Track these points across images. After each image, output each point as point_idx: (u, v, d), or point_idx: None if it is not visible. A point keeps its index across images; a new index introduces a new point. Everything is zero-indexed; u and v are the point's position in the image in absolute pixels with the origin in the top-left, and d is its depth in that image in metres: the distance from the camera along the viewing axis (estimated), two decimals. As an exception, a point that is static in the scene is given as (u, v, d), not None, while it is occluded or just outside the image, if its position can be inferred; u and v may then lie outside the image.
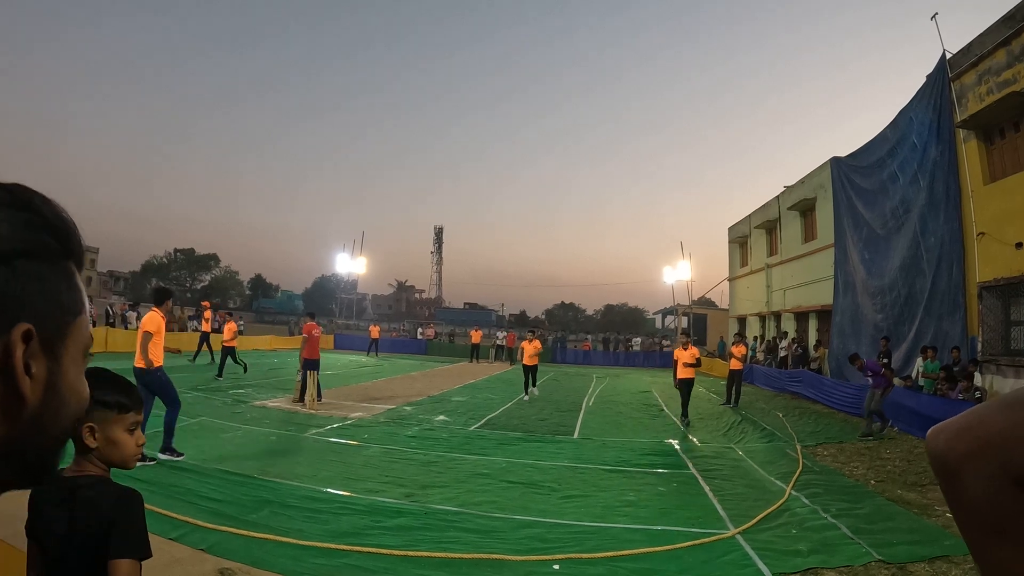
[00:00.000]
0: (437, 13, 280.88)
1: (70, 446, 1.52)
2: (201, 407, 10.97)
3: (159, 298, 7.83)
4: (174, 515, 5.11)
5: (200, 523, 5.02)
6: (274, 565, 4.37)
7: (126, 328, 24.06)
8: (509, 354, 31.23)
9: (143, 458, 6.31)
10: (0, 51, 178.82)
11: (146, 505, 1.64)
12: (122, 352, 21.02)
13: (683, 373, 12.64)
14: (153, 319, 7.44)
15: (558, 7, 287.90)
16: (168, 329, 21.22)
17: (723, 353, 30.42)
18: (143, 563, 1.56)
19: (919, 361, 13.74)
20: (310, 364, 12.37)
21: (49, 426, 0.61)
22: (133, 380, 1.72)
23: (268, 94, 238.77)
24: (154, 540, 1.59)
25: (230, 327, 17.31)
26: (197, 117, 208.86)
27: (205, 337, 20.08)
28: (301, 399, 12.26)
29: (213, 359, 18.42)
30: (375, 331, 33.70)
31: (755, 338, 28.22)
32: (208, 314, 21.54)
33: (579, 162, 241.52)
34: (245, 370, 17.05)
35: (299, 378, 12.51)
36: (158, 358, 7.38)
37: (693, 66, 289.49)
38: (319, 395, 12.54)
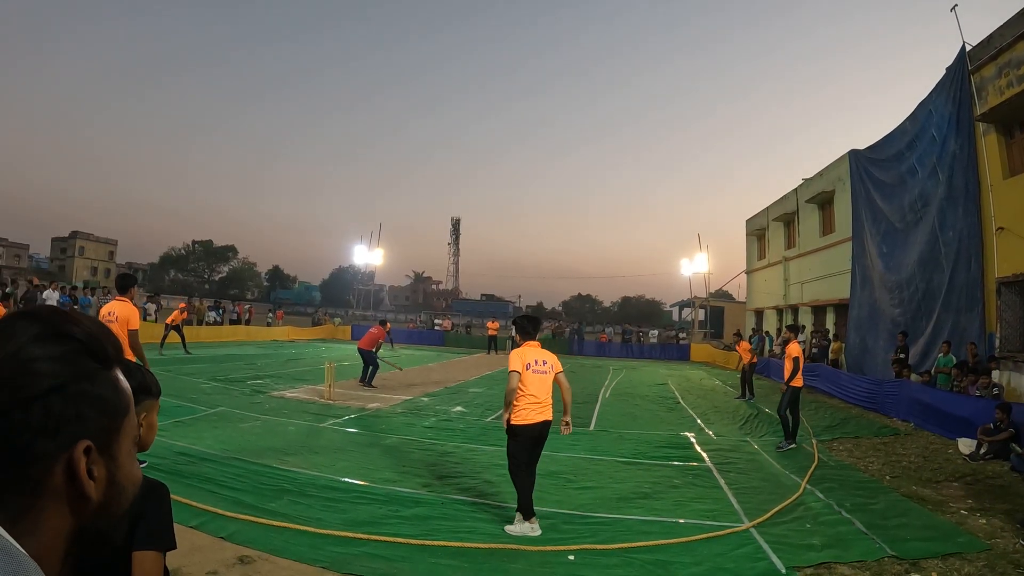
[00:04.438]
0: (463, 7, 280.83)
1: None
2: (220, 398, 11.13)
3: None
4: (195, 503, 5.22)
5: (220, 511, 5.12)
6: (293, 553, 4.46)
7: (144, 320, 24.40)
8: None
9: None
10: (27, 41, 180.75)
11: (166, 494, 1.69)
12: (143, 344, 21.26)
13: None
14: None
15: (579, 5, 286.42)
16: (187, 322, 21.73)
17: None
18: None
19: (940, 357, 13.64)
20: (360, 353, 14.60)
21: (112, 511, 0.74)
22: None
23: (290, 90, 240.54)
24: (175, 528, 1.63)
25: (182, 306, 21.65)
26: (217, 111, 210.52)
27: (176, 328, 20.44)
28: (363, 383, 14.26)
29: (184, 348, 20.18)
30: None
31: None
32: (183, 304, 23.04)
33: (598, 156, 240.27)
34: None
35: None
36: None
37: (713, 62, 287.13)
38: (365, 380, 14.30)
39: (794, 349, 9.72)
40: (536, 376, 5.54)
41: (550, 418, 5.60)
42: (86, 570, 1.59)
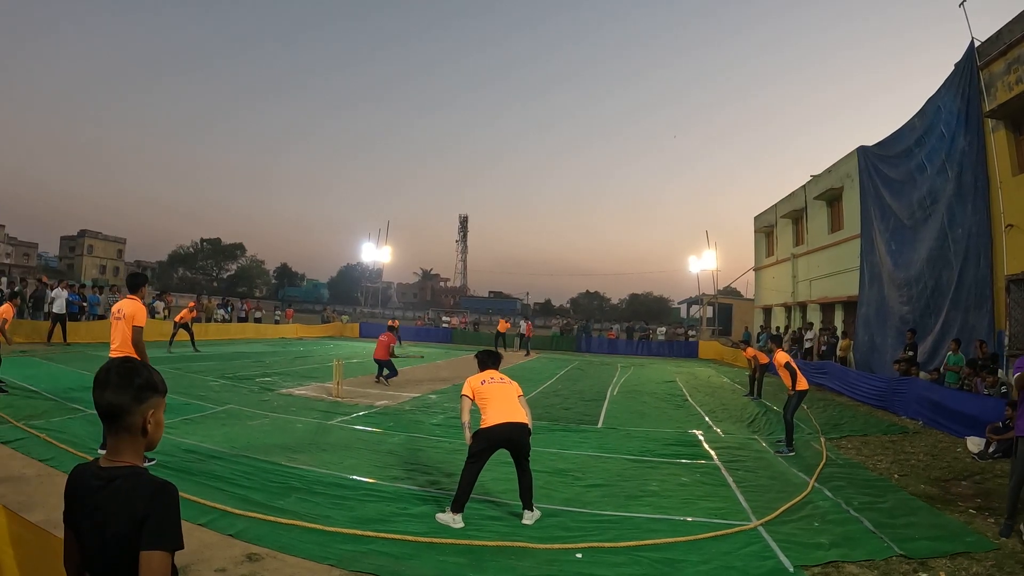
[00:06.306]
0: (472, 5, 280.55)
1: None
2: (229, 395, 11.17)
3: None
4: (203, 501, 5.24)
5: (229, 509, 5.14)
6: (301, 550, 4.48)
7: (152, 317, 24.52)
8: (526, 343, 31.08)
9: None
10: (34, 37, 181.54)
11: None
12: (153, 341, 21.41)
13: None
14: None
15: (589, 2, 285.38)
16: (195, 320, 22.02)
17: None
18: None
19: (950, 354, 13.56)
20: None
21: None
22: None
23: (298, 87, 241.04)
24: (184, 526, 1.62)
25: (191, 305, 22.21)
26: (225, 108, 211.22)
27: (185, 326, 20.49)
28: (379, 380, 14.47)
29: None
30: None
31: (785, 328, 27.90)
32: (192, 303, 23.44)
33: (606, 153, 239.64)
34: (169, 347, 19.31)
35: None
36: None
37: (721, 60, 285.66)
38: (381, 378, 14.45)
39: (782, 357, 9.54)
40: (493, 386, 5.61)
41: (521, 422, 5.43)
42: (95, 570, 1.61)
